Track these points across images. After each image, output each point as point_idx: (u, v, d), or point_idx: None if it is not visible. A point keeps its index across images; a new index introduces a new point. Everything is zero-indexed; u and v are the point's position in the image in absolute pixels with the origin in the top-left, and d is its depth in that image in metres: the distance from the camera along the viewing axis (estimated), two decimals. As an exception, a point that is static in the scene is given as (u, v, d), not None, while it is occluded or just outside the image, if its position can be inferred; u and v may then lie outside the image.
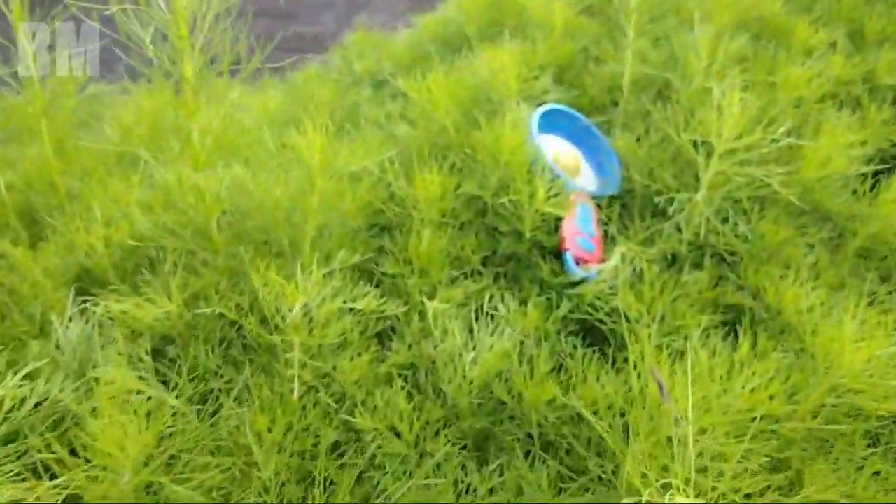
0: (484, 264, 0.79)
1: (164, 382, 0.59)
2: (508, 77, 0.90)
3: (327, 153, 0.67)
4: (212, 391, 0.62)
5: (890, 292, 0.79)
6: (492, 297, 0.71)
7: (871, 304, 0.78)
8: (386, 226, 0.79)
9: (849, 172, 0.80)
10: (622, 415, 0.64)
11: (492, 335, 0.64)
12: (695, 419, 0.57)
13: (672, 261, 0.78)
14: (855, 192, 0.84)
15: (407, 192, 0.75)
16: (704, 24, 0.90)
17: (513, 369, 0.64)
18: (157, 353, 0.63)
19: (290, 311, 0.60)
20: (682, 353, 0.67)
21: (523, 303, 0.73)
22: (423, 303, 0.70)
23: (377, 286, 0.74)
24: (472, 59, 1.04)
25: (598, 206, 0.83)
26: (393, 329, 0.71)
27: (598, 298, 0.72)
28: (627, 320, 0.70)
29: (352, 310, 0.66)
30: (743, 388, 0.61)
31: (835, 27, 0.98)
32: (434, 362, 0.66)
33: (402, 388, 0.65)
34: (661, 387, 0.55)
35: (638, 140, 0.85)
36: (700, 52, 0.83)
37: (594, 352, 0.70)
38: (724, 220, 0.78)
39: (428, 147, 0.90)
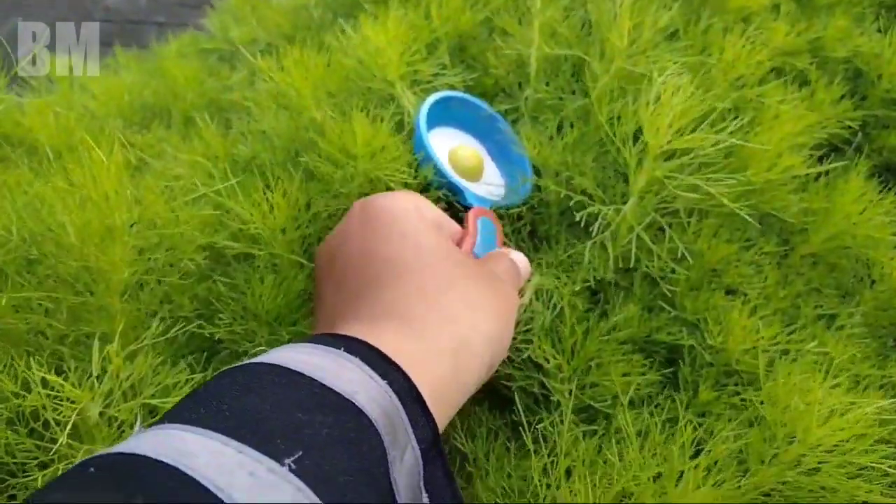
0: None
1: None
2: (391, 58, 0.73)
3: (124, 186, 0.49)
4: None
5: (851, 313, 0.67)
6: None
7: (829, 328, 0.66)
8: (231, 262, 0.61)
9: (801, 173, 0.66)
10: None
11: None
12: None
13: (596, 288, 0.64)
14: (805, 187, 0.71)
15: (248, 222, 0.57)
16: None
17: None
18: None
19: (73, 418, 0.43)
20: (609, 422, 0.53)
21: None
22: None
23: (216, 349, 0.57)
24: (355, 31, 0.86)
25: (501, 218, 0.67)
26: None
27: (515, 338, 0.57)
28: (545, 389, 0.55)
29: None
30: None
31: (777, -13, 0.83)
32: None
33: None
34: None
35: (551, 138, 0.69)
36: (622, 27, 0.67)
37: (503, 423, 0.56)
38: (658, 237, 0.63)
39: (294, 148, 0.73)
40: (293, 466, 0.30)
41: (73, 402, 0.44)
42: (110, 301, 0.52)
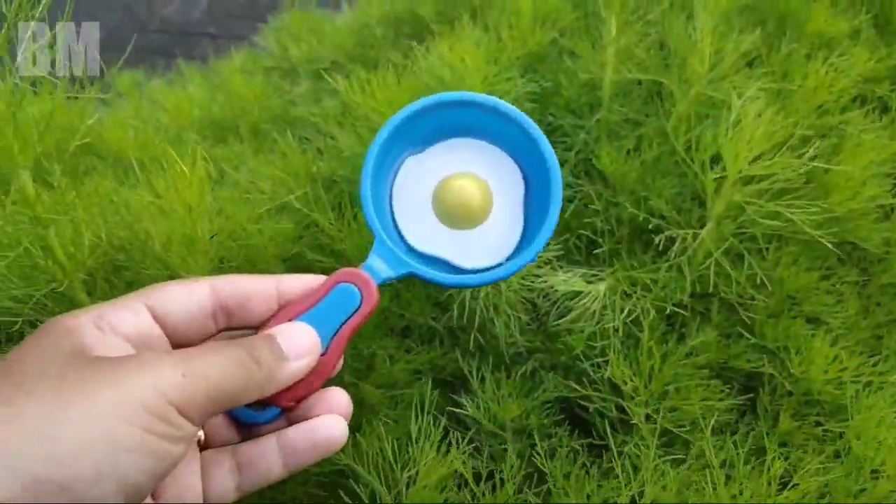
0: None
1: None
2: (473, 79, 0.73)
3: (206, 198, 0.50)
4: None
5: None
6: (444, 381, 0.55)
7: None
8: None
9: (885, 202, 0.65)
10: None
11: (437, 445, 0.48)
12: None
13: (670, 312, 0.63)
14: (888, 216, 0.69)
15: (336, 236, 0.58)
16: (702, 12, 0.74)
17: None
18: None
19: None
20: (688, 448, 0.53)
21: (499, 372, 0.57)
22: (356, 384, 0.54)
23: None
24: (428, 51, 0.87)
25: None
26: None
27: (587, 359, 0.56)
28: (623, 411, 0.54)
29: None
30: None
31: (856, 13, 0.82)
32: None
33: None
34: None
35: (628, 153, 0.69)
36: (703, 52, 0.67)
37: (582, 444, 0.55)
38: (735, 262, 0.63)
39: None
40: None
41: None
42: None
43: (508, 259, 0.45)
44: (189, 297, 0.40)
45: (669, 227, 0.62)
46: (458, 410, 0.55)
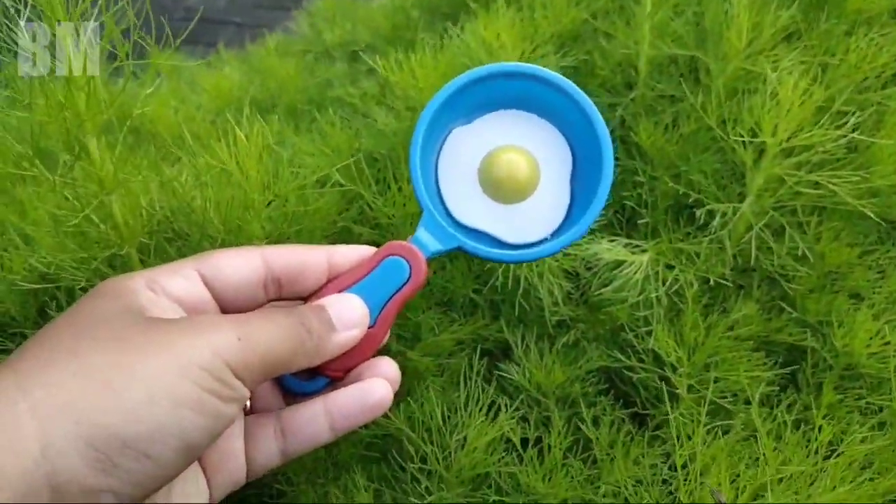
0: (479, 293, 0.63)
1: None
2: (508, 56, 0.74)
3: (266, 167, 0.51)
4: None
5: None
6: (487, 351, 0.56)
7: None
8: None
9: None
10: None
11: (485, 411, 0.49)
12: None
13: (712, 286, 0.63)
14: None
15: (381, 209, 0.59)
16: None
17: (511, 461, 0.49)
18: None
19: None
20: (730, 419, 0.53)
21: (542, 342, 0.58)
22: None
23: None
24: (463, 31, 0.87)
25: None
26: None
27: (631, 330, 0.57)
28: (666, 382, 0.55)
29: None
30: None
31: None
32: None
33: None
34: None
35: (665, 129, 0.69)
36: (740, 27, 0.67)
37: (624, 414, 0.56)
38: (776, 236, 0.63)
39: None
40: None
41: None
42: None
43: (553, 235, 0.45)
44: (241, 265, 0.40)
45: (709, 201, 0.62)
46: (504, 375, 0.56)
